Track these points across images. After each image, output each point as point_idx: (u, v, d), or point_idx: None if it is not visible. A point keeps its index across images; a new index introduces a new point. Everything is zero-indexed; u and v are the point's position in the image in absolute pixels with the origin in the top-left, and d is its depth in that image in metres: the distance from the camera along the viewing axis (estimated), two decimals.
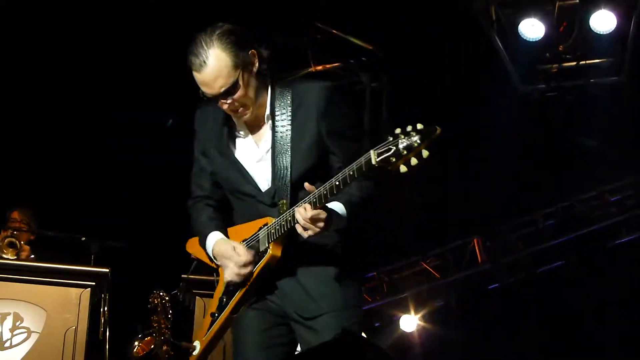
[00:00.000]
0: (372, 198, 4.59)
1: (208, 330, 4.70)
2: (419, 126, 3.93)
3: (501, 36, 9.76)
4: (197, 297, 7.52)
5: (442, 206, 11.09)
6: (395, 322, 12.38)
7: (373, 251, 10.74)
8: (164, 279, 8.14)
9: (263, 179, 4.65)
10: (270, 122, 4.66)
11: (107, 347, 7.58)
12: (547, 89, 10.15)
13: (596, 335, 10.67)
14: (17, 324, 7.06)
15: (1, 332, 7.03)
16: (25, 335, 7.06)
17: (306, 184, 4.35)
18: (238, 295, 4.61)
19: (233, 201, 4.79)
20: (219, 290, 4.74)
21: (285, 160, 4.57)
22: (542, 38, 9.57)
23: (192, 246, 5.02)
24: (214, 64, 4.46)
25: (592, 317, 10.78)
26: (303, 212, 4.31)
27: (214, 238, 4.72)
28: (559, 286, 11.33)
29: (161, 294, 8.14)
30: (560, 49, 9.82)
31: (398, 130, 3.97)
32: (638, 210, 11.31)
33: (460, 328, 11.85)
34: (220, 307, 4.68)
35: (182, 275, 7.59)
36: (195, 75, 4.50)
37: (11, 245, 8.57)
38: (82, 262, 7.92)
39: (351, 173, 4.16)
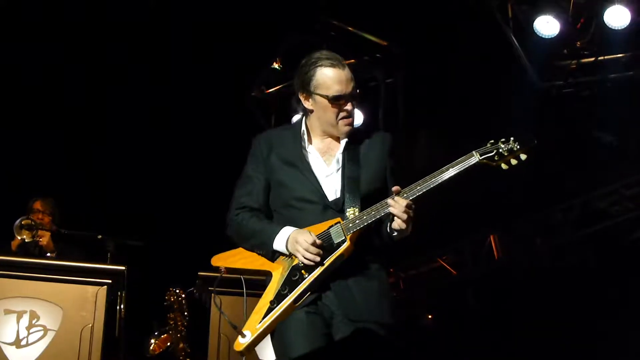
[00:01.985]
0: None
1: (262, 319, 4.76)
2: (512, 137, 4.82)
3: (517, 33, 9.77)
4: (213, 294, 7.48)
5: (458, 202, 11.05)
6: (411, 318, 12.37)
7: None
8: (180, 277, 8.18)
9: (331, 191, 5.00)
10: (343, 149, 5.09)
11: (123, 344, 7.56)
12: (565, 85, 10.14)
13: (615, 330, 10.63)
14: (34, 322, 7.08)
15: (18, 330, 7.04)
16: (41, 333, 7.08)
17: (394, 187, 4.79)
18: (305, 283, 4.79)
19: (289, 213, 5.04)
20: (275, 282, 4.88)
21: (355, 176, 5.01)
22: (557, 35, 9.58)
23: (219, 260, 5.13)
24: (348, 69, 5.02)
25: (610, 312, 10.74)
26: (401, 202, 4.72)
27: (290, 229, 4.92)
28: (577, 281, 11.30)
29: (177, 291, 8.17)
30: (577, 45, 9.81)
31: (492, 141, 4.82)
32: None
33: (477, 324, 11.84)
34: (280, 297, 4.79)
35: (199, 273, 7.60)
36: (333, 72, 4.98)
37: (28, 227, 8.56)
38: (99, 260, 7.92)
39: (450, 170, 4.76)
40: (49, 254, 8.70)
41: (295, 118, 6.82)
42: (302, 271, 4.82)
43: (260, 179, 5.11)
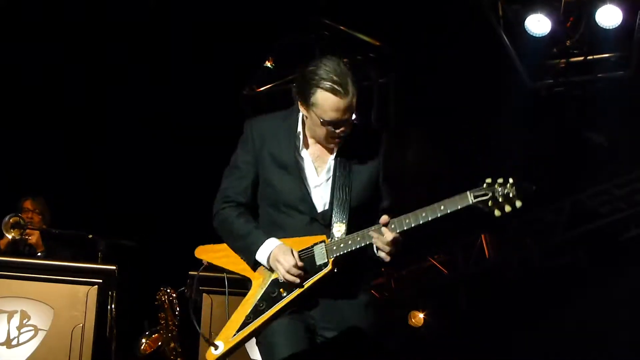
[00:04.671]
0: None
1: (237, 332, 4.76)
2: (511, 180, 4.50)
3: (508, 32, 9.77)
4: (204, 293, 7.53)
5: None
6: (402, 318, 12.38)
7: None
8: (171, 276, 8.23)
9: (320, 202, 4.88)
10: (335, 155, 4.91)
11: (114, 344, 7.61)
12: (555, 84, 10.13)
13: (606, 330, 10.65)
14: (25, 321, 7.13)
15: (8, 330, 7.10)
16: (32, 333, 7.13)
17: (382, 217, 4.65)
18: (283, 302, 4.75)
19: (275, 215, 4.95)
20: (253, 295, 4.83)
21: (346, 189, 4.86)
22: (548, 34, 9.59)
23: (203, 252, 5.10)
24: (351, 99, 4.69)
25: (601, 312, 10.75)
26: (386, 235, 4.63)
27: (275, 242, 4.83)
28: (568, 281, 11.31)
29: (168, 291, 8.22)
30: (567, 44, 9.81)
31: (489, 180, 4.54)
32: None
33: (468, 324, 11.86)
34: (257, 312, 4.75)
35: (190, 272, 7.66)
36: (332, 99, 4.69)
37: (16, 225, 8.57)
38: (90, 260, 7.99)
39: (442, 207, 4.59)
40: (39, 253, 8.75)
41: None
42: (281, 289, 4.77)
43: (249, 171, 4.96)
